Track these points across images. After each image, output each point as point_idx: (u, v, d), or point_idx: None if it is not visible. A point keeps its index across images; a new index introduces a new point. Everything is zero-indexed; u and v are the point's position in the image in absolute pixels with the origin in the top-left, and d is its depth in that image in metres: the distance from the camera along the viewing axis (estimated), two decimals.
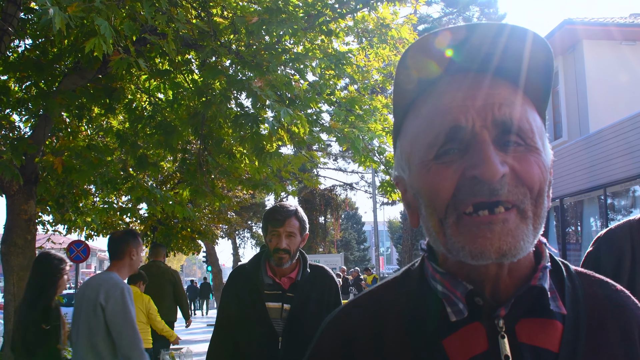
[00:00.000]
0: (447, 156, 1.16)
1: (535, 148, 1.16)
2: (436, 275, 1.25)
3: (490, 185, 1.09)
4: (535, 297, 1.20)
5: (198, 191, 7.99)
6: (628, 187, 16.05)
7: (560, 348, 1.18)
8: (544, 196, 1.16)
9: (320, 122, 7.43)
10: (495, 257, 1.10)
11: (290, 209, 3.98)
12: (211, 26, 6.08)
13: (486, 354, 1.16)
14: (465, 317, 1.18)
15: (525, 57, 1.18)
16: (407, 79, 1.25)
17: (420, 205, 1.23)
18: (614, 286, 1.33)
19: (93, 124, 8.72)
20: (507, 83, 1.20)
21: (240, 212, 29.31)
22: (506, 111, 1.14)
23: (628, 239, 3.13)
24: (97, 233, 17.20)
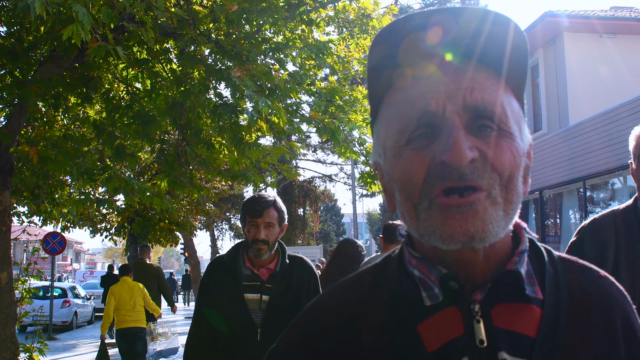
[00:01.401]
0: (419, 141, 1.16)
1: (509, 133, 1.16)
2: (413, 260, 1.25)
3: (459, 170, 1.09)
4: (512, 282, 1.19)
5: (176, 182, 7.91)
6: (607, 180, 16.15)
7: (538, 333, 1.17)
8: (515, 182, 1.16)
9: (300, 112, 7.38)
10: (464, 239, 1.10)
11: (268, 200, 3.95)
12: (190, 14, 5.99)
13: (461, 339, 1.15)
14: (441, 302, 1.18)
15: (496, 40, 1.17)
16: (380, 64, 1.24)
17: (395, 191, 1.23)
18: (598, 272, 1.33)
19: (69, 114, 8.59)
20: (480, 66, 1.19)
21: (218, 203, 29.22)
22: (478, 95, 1.14)
23: (612, 228, 3.18)
24: (73, 225, 17.09)
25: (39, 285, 22.84)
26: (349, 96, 8.05)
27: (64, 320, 26.32)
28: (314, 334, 1.27)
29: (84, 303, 29.68)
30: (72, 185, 11.43)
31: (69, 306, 26.86)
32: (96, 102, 8.54)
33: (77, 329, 27.65)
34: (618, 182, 15.78)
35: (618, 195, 16.19)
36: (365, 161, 8.41)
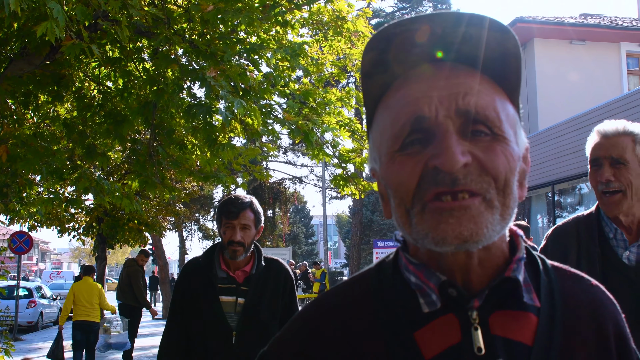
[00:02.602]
0: (412, 147, 1.16)
1: (503, 137, 1.15)
2: (409, 266, 1.25)
3: (452, 175, 1.09)
4: (509, 289, 1.20)
5: (148, 182, 7.84)
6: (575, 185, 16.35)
7: (535, 341, 1.18)
8: (511, 186, 1.16)
9: (274, 114, 7.35)
10: (457, 242, 1.10)
11: (245, 201, 3.92)
12: (165, 13, 5.94)
13: (459, 346, 1.16)
14: (439, 309, 1.18)
15: (489, 44, 1.17)
16: (373, 70, 1.24)
17: (389, 197, 1.23)
18: (589, 281, 1.35)
19: (39, 112, 8.48)
20: (472, 71, 1.19)
21: (188, 204, 29.07)
22: (470, 100, 1.14)
23: (574, 234, 3.20)
24: (40, 224, 16.88)
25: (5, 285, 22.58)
26: (322, 98, 8.04)
27: (29, 320, 26.05)
28: (308, 336, 1.27)
29: (50, 303, 29.37)
30: (41, 184, 11.28)
31: (35, 306, 26.58)
32: (67, 101, 8.45)
33: (42, 329, 27.35)
34: (586, 187, 15.97)
35: (586, 200, 16.39)
36: (338, 164, 8.41)
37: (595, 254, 3.05)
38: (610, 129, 3.04)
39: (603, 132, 3.06)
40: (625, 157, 2.96)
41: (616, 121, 3.08)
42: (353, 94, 8.65)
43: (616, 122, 3.07)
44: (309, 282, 28.81)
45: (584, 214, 3.29)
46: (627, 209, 3.01)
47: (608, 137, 3.02)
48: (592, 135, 3.12)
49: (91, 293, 12.75)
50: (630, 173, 2.96)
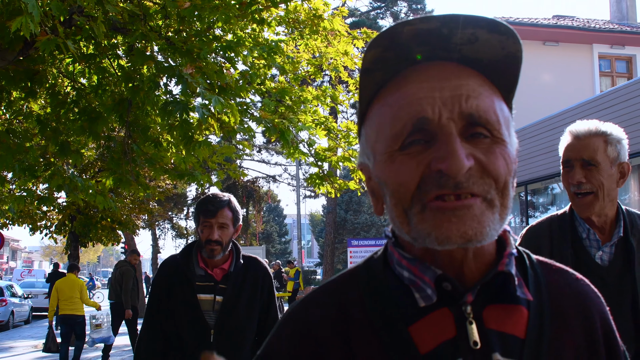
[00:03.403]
0: (413, 147, 1.16)
1: (502, 140, 1.17)
2: (402, 261, 1.24)
3: (456, 179, 1.09)
4: (501, 283, 1.21)
5: (122, 180, 7.78)
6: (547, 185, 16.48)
7: (527, 334, 1.19)
8: (509, 187, 1.17)
9: (250, 111, 7.34)
10: (461, 242, 1.11)
11: (223, 200, 3.90)
12: (141, 9, 5.90)
13: (454, 340, 1.16)
14: (432, 304, 1.18)
15: (491, 46, 1.18)
16: (373, 67, 1.23)
17: (385, 195, 1.23)
18: (574, 274, 1.37)
19: (12, 108, 8.38)
20: (475, 73, 1.20)
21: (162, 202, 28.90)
22: (473, 103, 1.14)
23: (547, 234, 3.23)
24: (12, 222, 16.72)
25: None
26: (298, 96, 8.04)
27: (0, 319, 25.77)
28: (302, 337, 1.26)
29: (21, 302, 29.09)
30: (13, 181, 11.17)
31: (6, 305, 26.31)
32: (40, 97, 8.36)
33: (13, 328, 27.10)
34: (558, 187, 16.11)
35: (558, 200, 16.53)
36: (314, 162, 8.40)
37: (568, 254, 3.07)
38: (582, 130, 3.05)
39: (575, 133, 3.08)
40: (597, 159, 2.97)
41: (588, 121, 3.10)
42: (329, 93, 8.65)
43: (588, 123, 3.08)
44: (282, 281, 28.76)
45: (558, 214, 3.30)
46: (599, 210, 3.03)
47: (579, 138, 3.04)
48: (564, 135, 3.13)
49: (73, 288, 13.87)
50: (601, 174, 2.98)
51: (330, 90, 8.74)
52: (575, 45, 22.28)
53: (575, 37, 22.22)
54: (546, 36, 21.63)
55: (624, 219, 3.09)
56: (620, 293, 2.99)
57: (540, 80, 20.50)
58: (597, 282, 2.92)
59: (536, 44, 21.58)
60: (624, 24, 24.81)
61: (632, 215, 3.15)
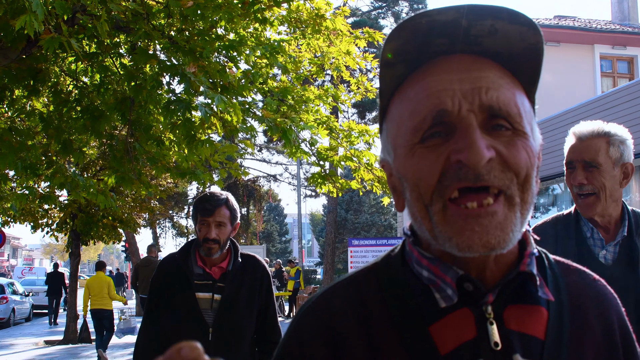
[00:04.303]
0: (433, 140, 1.14)
1: (523, 132, 1.14)
2: (423, 260, 1.23)
3: (476, 170, 1.07)
4: (521, 284, 1.19)
5: (124, 178, 7.79)
6: (548, 186, 16.47)
7: (547, 335, 1.18)
8: (531, 182, 1.15)
9: (253, 111, 7.34)
10: (483, 251, 1.09)
11: (220, 198, 3.90)
12: (144, 8, 5.91)
13: (475, 341, 1.15)
14: (453, 304, 1.16)
15: (512, 38, 1.15)
16: (394, 60, 1.21)
17: (405, 190, 1.21)
18: (592, 275, 1.35)
19: (15, 106, 8.39)
20: (495, 65, 1.17)
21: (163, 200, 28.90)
22: (493, 95, 1.12)
23: (552, 234, 3.23)
24: (14, 220, 16.73)
25: None
26: (300, 96, 8.04)
27: (1, 317, 25.81)
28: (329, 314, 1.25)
29: (22, 300, 29.11)
30: (15, 179, 11.17)
31: (7, 303, 26.33)
32: (43, 95, 8.37)
33: (14, 326, 27.12)
34: (559, 188, 16.10)
35: (559, 201, 16.52)
36: (316, 162, 8.41)
37: (572, 253, 3.08)
38: (584, 131, 3.06)
39: (578, 134, 3.08)
40: (598, 161, 2.98)
41: (592, 122, 3.09)
42: (331, 92, 8.65)
43: (592, 123, 3.08)
44: (283, 280, 28.76)
45: (563, 214, 3.31)
46: (602, 211, 3.04)
47: (582, 140, 3.04)
48: (568, 136, 3.14)
49: (101, 285, 15.40)
50: (603, 176, 2.98)
51: (332, 90, 8.74)
52: (577, 46, 22.26)
53: (576, 38, 22.21)
54: (547, 36, 21.60)
55: (629, 218, 3.10)
56: (623, 292, 2.99)
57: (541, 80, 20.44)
58: None
59: None
60: (626, 24, 24.80)
61: (637, 215, 3.16)
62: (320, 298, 1.31)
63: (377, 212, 47.63)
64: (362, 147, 8.88)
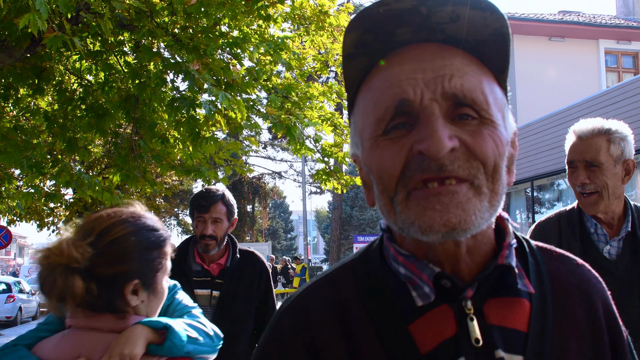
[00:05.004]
0: (396, 131, 1.12)
1: (491, 121, 1.11)
2: (399, 257, 1.20)
3: (438, 160, 1.05)
4: (500, 276, 1.17)
5: (129, 176, 7.80)
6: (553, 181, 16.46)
7: (530, 327, 1.15)
8: (500, 172, 1.12)
9: (257, 108, 7.34)
10: (445, 230, 1.06)
11: (216, 194, 3.89)
12: (148, 6, 5.91)
13: (455, 338, 1.12)
14: (431, 301, 1.14)
15: (475, 24, 1.13)
16: (355, 52, 1.19)
17: (373, 183, 1.18)
18: (575, 260, 1.33)
19: (20, 105, 8.40)
20: (460, 53, 1.14)
21: (168, 198, 28.95)
22: (457, 82, 1.09)
23: (556, 229, 3.26)
24: (20, 218, 16.75)
25: None
26: (304, 92, 8.03)
27: (8, 315, 25.89)
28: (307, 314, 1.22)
29: (29, 298, 29.18)
30: (21, 178, 11.20)
31: (14, 301, 26.39)
32: (47, 94, 8.38)
33: (21, 324, 27.17)
34: (564, 183, 16.08)
35: (564, 196, 16.50)
36: (321, 158, 8.41)
37: (577, 248, 3.09)
38: (584, 130, 3.06)
39: (578, 133, 3.08)
40: (599, 160, 2.98)
41: (592, 120, 3.09)
42: (335, 89, 8.65)
43: (592, 122, 3.08)
44: (289, 277, 28.81)
45: (566, 209, 3.32)
46: (605, 208, 3.05)
47: (582, 139, 3.05)
48: (569, 134, 3.14)
49: None
50: (604, 174, 2.99)
51: (337, 86, 8.74)
52: (581, 41, 22.21)
53: (581, 33, 22.15)
54: (552, 32, 21.57)
55: (632, 214, 3.11)
56: (627, 286, 3.01)
57: (546, 76, 20.45)
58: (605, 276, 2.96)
59: (542, 39, 21.52)
60: (630, 19, 24.73)
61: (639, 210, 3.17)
62: (298, 298, 1.27)
63: None
64: None
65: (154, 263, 2.01)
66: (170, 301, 2.38)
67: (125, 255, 1.90)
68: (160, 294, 2.08)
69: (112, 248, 1.89)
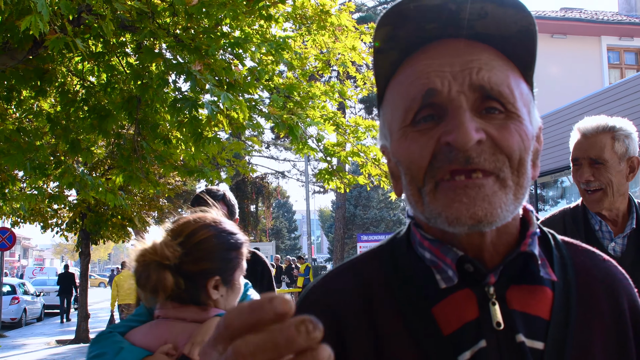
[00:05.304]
0: (425, 124, 1.14)
1: (517, 115, 1.14)
2: (424, 242, 1.23)
3: (465, 152, 1.07)
4: (524, 264, 1.19)
5: (132, 177, 7.81)
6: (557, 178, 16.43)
7: (552, 315, 1.17)
8: (525, 165, 1.14)
9: (259, 108, 7.35)
10: (471, 222, 1.08)
11: (217, 194, 3.88)
12: (149, 7, 5.92)
13: (477, 321, 1.14)
14: (455, 285, 1.16)
15: (503, 20, 1.15)
16: (386, 46, 1.21)
17: (401, 174, 1.21)
18: (601, 256, 1.34)
19: (22, 107, 8.42)
20: (488, 48, 1.17)
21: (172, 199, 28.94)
22: (485, 75, 1.12)
23: (560, 226, 3.24)
24: (23, 220, 16.78)
25: None
26: (306, 92, 8.04)
27: (12, 317, 25.89)
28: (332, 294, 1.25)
29: (34, 300, 29.22)
30: (24, 179, 11.22)
31: (18, 303, 26.42)
32: (50, 96, 8.39)
33: (26, 326, 27.23)
34: (567, 180, 16.06)
35: (568, 193, 16.48)
36: (323, 157, 8.41)
37: None
38: (589, 128, 3.06)
39: (582, 131, 3.08)
40: (604, 157, 2.99)
41: (596, 118, 3.10)
42: (337, 88, 8.65)
43: (596, 119, 3.08)
44: (293, 276, 28.80)
45: (571, 207, 3.32)
46: (609, 205, 3.05)
47: (587, 136, 3.05)
48: (573, 132, 3.14)
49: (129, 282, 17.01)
50: (609, 172, 2.99)
51: (339, 86, 8.74)
52: (584, 38, 22.17)
53: (583, 30, 22.12)
54: (554, 29, 21.53)
55: (636, 211, 3.11)
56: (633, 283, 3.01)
57: (548, 73, 20.41)
58: None
59: (544, 36, 21.50)
60: (633, 15, 24.69)
61: None
62: (324, 279, 1.31)
63: (386, 207, 47.65)
64: (369, 142, 8.88)
65: (233, 262, 2.27)
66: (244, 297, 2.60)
67: (208, 255, 2.18)
68: (237, 289, 2.31)
69: (198, 248, 2.17)
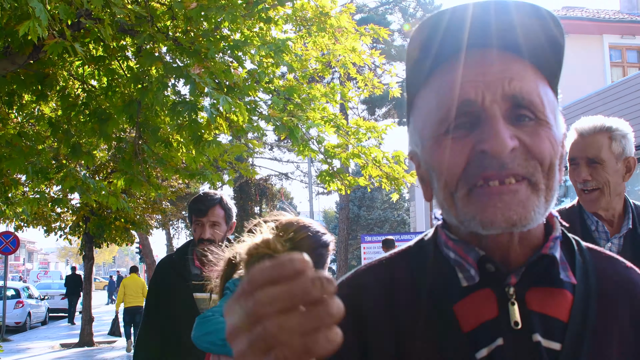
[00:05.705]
0: (458, 131, 1.18)
1: (546, 122, 1.18)
2: (449, 242, 1.28)
3: (500, 159, 1.11)
4: (545, 266, 1.22)
5: (133, 180, 7.82)
6: None
7: (570, 317, 1.20)
8: (555, 170, 1.19)
9: (259, 110, 7.35)
10: (505, 226, 1.13)
11: (214, 198, 3.91)
12: (148, 11, 5.93)
13: (496, 320, 1.19)
14: (476, 284, 1.21)
15: (534, 31, 1.20)
16: (420, 55, 1.26)
17: (432, 179, 1.26)
18: (624, 262, 1.37)
19: (24, 111, 8.43)
20: (517, 58, 1.22)
21: (175, 202, 28.98)
22: (517, 85, 1.16)
23: None
24: (27, 224, 16.80)
25: None
26: (307, 94, 8.04)
27: (17, 321, 25.96)
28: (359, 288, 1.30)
29: (38, 304, 29.27)
30: (27, 183, 11.23)
31: (23, 307, 26.47)
32: (51, 100, 8.40)
33: (30, 330, 27.28)
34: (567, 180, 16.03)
35: (571, 192, 16.46)
36: (324, 159, 8.41)
37: None
38: (586, 127, 3.08)
39: (580, 131, 3.10)
40: (601, 157, 3.00)
41: (593, 118, 3.11)
42: (337, 90, 8.65)
43: (593, 119, 3.10)
44: None
45: (566, 207, 3.33)
46: (606, 205, 3.06)
47: (584, 136, 3.06)
48: (570, 132, 3.15)
49: (136, 285, 18.01)
50: (606, 171, 3.01)
51: (339, 88, 8.74)
52: (586, 36, 22.16)
53: (585, 28, 22.11)
54: None
55: (632, 211, 3.12)
56: None
57: None
58: None
59: None
60: (635, 13, 24.66)
61: (639, 208, 3.18)
62: (352, 275, 1.37)
63: (390, 208, 47.62)
64: (371, 143, 8.87)
65: (323, 257, 2.69)
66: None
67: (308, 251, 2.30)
68: None
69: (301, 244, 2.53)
